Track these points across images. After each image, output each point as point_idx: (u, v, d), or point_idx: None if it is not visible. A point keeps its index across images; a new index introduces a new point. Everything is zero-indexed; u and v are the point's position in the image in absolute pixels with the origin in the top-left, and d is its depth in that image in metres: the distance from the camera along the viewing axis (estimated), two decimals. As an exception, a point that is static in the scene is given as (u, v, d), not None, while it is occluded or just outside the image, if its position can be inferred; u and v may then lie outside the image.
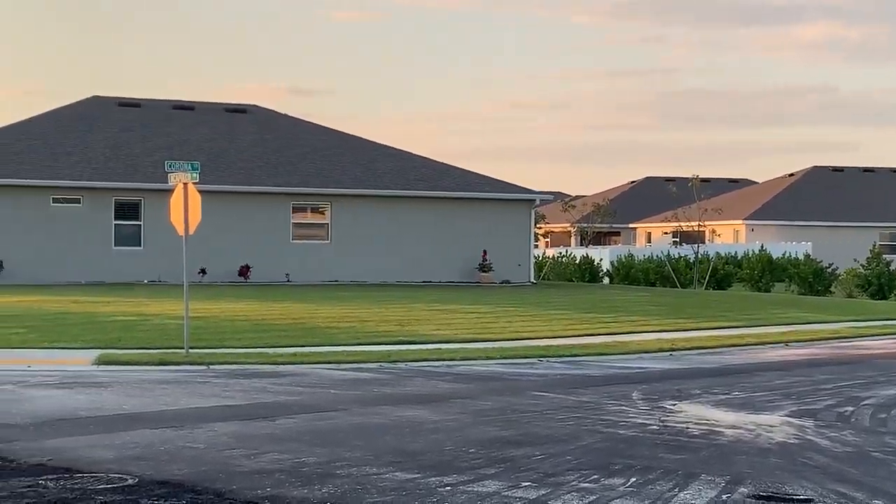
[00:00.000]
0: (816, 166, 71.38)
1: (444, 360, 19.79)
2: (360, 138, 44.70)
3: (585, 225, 72.65)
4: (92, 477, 9.56)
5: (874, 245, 51.10)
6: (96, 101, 43.46)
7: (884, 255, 47.21)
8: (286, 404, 14.16)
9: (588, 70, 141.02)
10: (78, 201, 36.63)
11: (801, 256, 51.49)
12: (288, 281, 37.86)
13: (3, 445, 10.91)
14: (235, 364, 18.62)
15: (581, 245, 69.09)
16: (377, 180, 40.52)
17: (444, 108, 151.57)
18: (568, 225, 74.70)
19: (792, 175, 71.59)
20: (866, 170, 71.06)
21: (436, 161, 43.73)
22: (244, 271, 37.46)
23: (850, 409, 14.56)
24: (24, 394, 14.77)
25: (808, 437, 12.34)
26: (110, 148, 39.47)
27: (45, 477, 9.53)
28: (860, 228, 62.44)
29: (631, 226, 76.69)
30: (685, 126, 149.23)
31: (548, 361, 20.23)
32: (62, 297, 29.46)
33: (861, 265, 45.57)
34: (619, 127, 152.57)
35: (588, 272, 50.02)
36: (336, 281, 38.41)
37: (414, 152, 44.19)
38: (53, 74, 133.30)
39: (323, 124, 45.75)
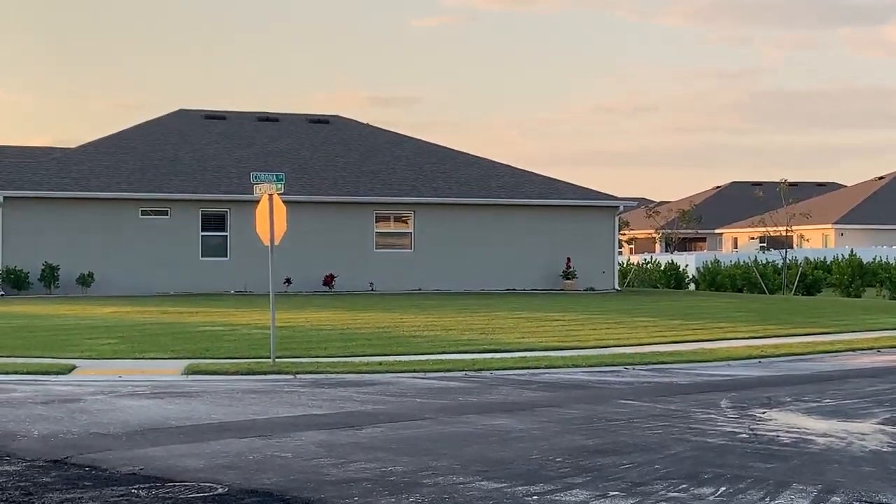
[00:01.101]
0: (907, 168, 70.03)
1: (529, 368, 19.74)
2: (442, 146, 44.84)
3: (670, 231, 72.10)
4: (183, 486, 9.70)
5: (968, 248, 49.96)
6: (183, 114, 44.17)
7: (978, 259, 46.11)
8: (372, 413, 14.23)
9: (674, 72, 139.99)
10: (166, 213, 37.23)
11: (892, 261, 50.52)
12: (372, 290, 38.07)
13: (97, 455, 11.12)
14: (322, 373, 18.76)
15: (666, 251, 68.56)
16: (459, 188, 40.59)
17: (526, 114, 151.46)
18: (652, 231, 74.18)
19: (881, 178, 70.36)
20: (958, 171, 69.56)
21: (518, 168, 43.71)
22: (329, 280, 37.75)
23: (946, 416, 14.24)
24: (115, 404, 15.03)
25: (903, 445, 12.10)
26: (197, 160, 40.06)
27: (137, 486, 9.69)
28: (953, 231, 61.11)
29: (716, 231, 75.91)
30: (772, 128, 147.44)
31: (634, 369, 20.07)
32: (151, 308, 29.94)
33: (955, 269, 44.62)
34: (704, 130, 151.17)
35: (673, 279, 49.61)
36: (419, 289, 38.54)
37: (495, 159, 44.29)
38: (142, 88, 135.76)
39: (404, 133, 46.04)
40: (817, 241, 63.12)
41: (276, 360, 19.82)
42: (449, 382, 17.91)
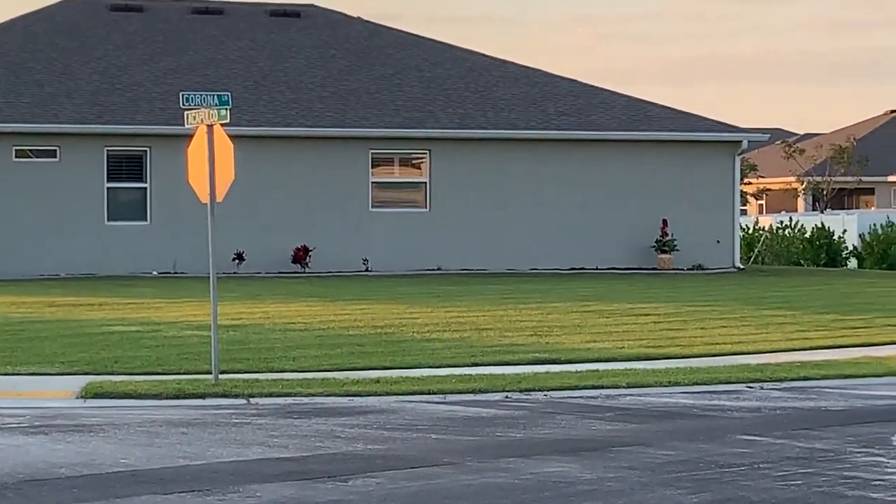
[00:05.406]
0: None
1: (602, 387, 19.84)
2: (471, 51, 44.76)
3: (820, 178, 71.91)
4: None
5: None
6: (79, 3, 44.10)
7: None
8: (365, 457, 14.28)
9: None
10: (53, 154, 37.25)
11: None
12: (367, 270, 38.12)
13: (-51, 519, 11.21)
14: (289, 396, 18.85)
15: (814, 209, 68.42)
16: (500, 116, 40.53)
17: (599, 6, 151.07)
18: (793, 179, 74.04)
19: None
20: None
21: (588, 85, 43.60)
22: (301, 256, 37.82)
23: None
24: (-22, 442, 15.12)
25: None
26: (100, 73, 40.07)
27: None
28: None
29: (891, 179, 75.80)
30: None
31: (762, 388, 20.17)
32: (32, 298, 29.99)
33: None
34: (869, 25, 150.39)
35: (825, 251, 49.63)
36: (438, 269, 38.55)
37: (554, 72, 44.17)
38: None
39: (415, 32, 45.92)
40: None
41: (221, 376, 19.88)
42: (482, 409, 17.97)
